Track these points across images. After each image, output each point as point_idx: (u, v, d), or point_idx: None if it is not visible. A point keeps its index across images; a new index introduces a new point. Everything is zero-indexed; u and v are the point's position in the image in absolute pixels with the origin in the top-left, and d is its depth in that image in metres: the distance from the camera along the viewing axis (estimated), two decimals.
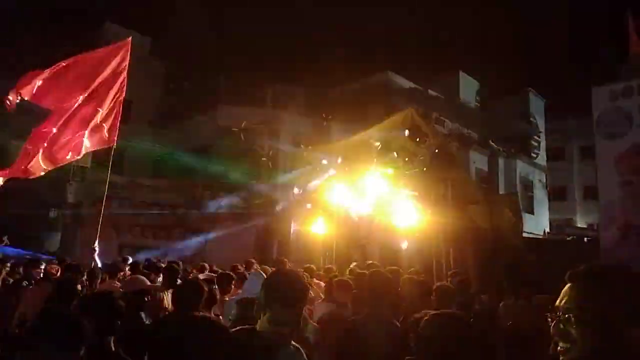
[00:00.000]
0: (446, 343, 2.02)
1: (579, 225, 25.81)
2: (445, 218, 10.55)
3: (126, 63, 6.33)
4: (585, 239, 15.33)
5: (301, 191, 14.04)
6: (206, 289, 3.67)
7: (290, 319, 2.20)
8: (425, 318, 2.18)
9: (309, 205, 13.72)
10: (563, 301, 1.39)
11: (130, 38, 6.59)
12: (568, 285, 1.41)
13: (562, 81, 45.75)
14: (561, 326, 1.36)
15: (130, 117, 18.61)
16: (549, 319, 1.41)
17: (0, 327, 4.65)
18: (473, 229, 10.25)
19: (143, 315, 4.11)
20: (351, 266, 9.30)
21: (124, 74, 6.31)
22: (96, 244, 5.84)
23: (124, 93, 6.32)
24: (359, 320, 3.70)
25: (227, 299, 5.12)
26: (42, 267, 6.55)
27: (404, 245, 10.61)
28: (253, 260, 8.88)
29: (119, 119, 6.31)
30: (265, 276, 4.15)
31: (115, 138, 6.21)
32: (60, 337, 2.11)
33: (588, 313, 1.32)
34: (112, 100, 6.16)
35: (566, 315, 1.35)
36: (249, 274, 6.30)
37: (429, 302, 4.26)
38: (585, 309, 1.33)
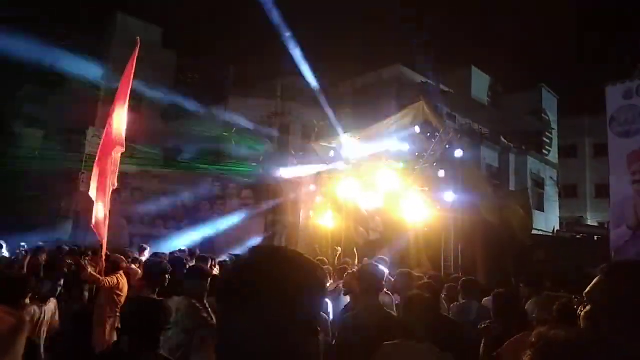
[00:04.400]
0: None
1: (590, 224, 25.54)
2: (455, 213, 10.54)
3: (133, 66, 6.26)
4: (596, 237, 15.16)
5: (311, 184, 14.07)
6: None
7: None
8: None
9: (318, 198, 13.73)
10: (593, 291, 1.47)
11: (138, 39, 6.47)
12: (599, 277, 1.48)
13: (576, 78, 45.20)
14: (590, 313, 1.46)
15: (140, 107, 18.71)
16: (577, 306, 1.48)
17: None
18: (483, 224, 10.22)
19: None
20: (337, 254, 9.98)
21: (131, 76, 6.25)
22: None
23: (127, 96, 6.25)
24: (355, 313, 3.85)
25: None
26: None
27: (413, 240, 10.63)
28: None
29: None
30: None
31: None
32: None
33: (614, 303, 1.40)
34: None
35: (596, 305, 1.44)
36: None
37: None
38: (612, 299, 1.41)
